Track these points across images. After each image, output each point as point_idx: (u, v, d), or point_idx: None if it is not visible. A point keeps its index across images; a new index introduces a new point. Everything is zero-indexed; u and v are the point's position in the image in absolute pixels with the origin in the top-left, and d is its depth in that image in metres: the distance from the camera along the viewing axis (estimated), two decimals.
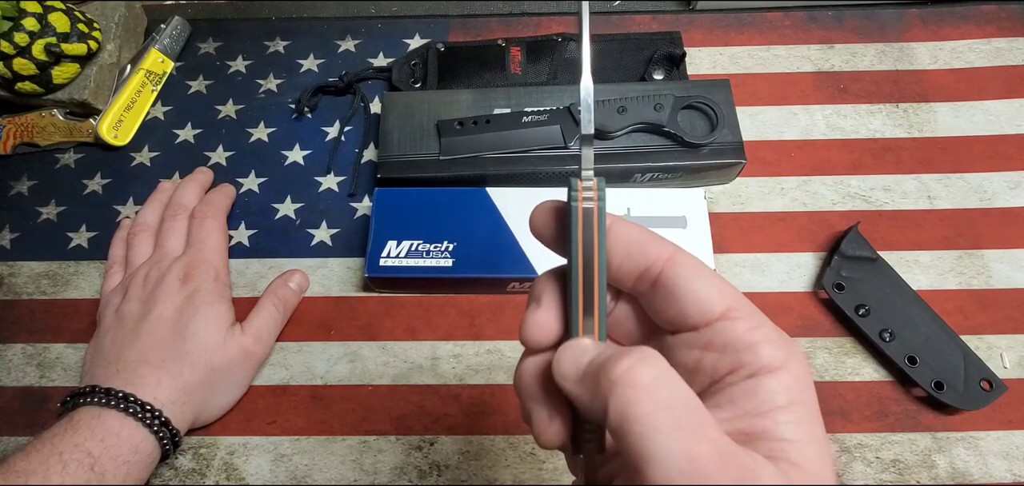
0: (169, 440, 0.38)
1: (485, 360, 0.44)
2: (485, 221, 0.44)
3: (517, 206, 0.45)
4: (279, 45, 0.57)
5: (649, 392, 0.17)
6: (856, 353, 0.44)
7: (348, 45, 0.57)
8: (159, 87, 0.55)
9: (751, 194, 0.49)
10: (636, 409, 0.16)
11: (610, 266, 0.22)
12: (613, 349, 0.19)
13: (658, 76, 0.52)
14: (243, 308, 0.44)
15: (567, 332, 0.22)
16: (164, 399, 0.38)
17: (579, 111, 0.45)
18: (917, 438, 0.41)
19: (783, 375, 0.19)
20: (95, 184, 0.52)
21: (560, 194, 0.24)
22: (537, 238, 0.23)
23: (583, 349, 0.20)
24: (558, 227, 0.23)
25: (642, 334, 0.23)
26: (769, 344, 0.19)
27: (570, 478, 0.40)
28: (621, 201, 0.45)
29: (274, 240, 0.49)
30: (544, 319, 0.22)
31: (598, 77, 0.52)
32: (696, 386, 0.20)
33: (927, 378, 0.41)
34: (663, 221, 0.44)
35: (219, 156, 0.52)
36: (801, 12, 0.56)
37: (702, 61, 0.55)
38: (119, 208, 0.51)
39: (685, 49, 0.53)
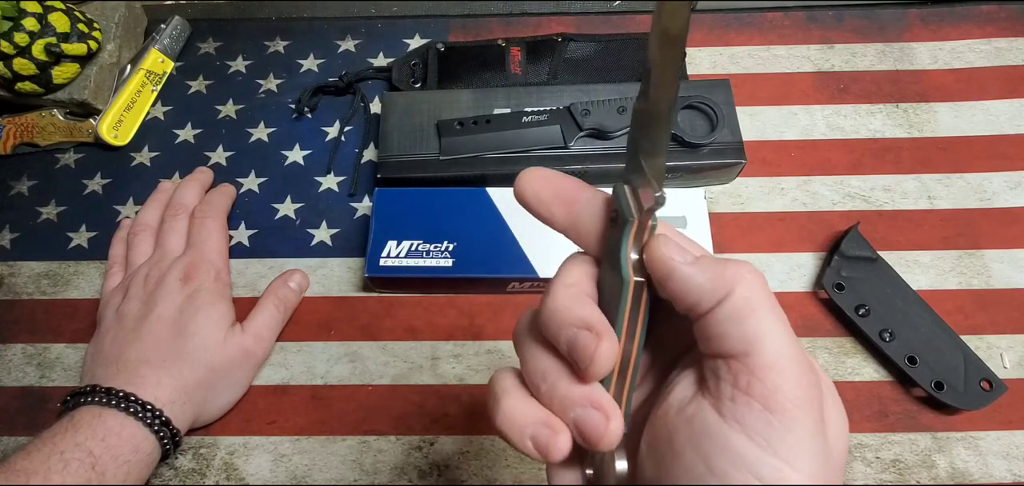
0: (169, 440, 0.38)
1: (485, 360, 0.44)
2: (485, 221, 0.44)
3: (517, 206, 0.44)
4: (279, 45, 0.57)
5: (765, 292, 0.20)
6: (856, 353, 0.44)
7: (348, 45, 0.57)
8: (159, 87, 0.55)
9: (751, 194, 0.49)
10: (758, 299, 0.20)
11: None
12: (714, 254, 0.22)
13: None
14: (243, 308, 0.44)
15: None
16: (165, 399, 0.38)
17: (582, 110, 0.46)
18: (917, 438, 0.41)
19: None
20: (95, 184, 0.52)
21: None
22: (530, 207, 0.25)
23: (681, 246, 0.21)
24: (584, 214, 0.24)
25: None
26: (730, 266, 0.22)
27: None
28: None
29: (274, 240, 0.49)
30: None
31: (598, 77, 0.52)
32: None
33: (927, 378, 0.41)
34: (663, 221, 0.44)
35: (219, 156, 0.52)
36: (801, 12, 0.56)
37: (702, 61, 0.55)
38: (119, 208, 0.51)
39: (685, 49, 0.53)
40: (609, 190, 0.23)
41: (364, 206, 0.50)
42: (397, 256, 0.44)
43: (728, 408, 0.19)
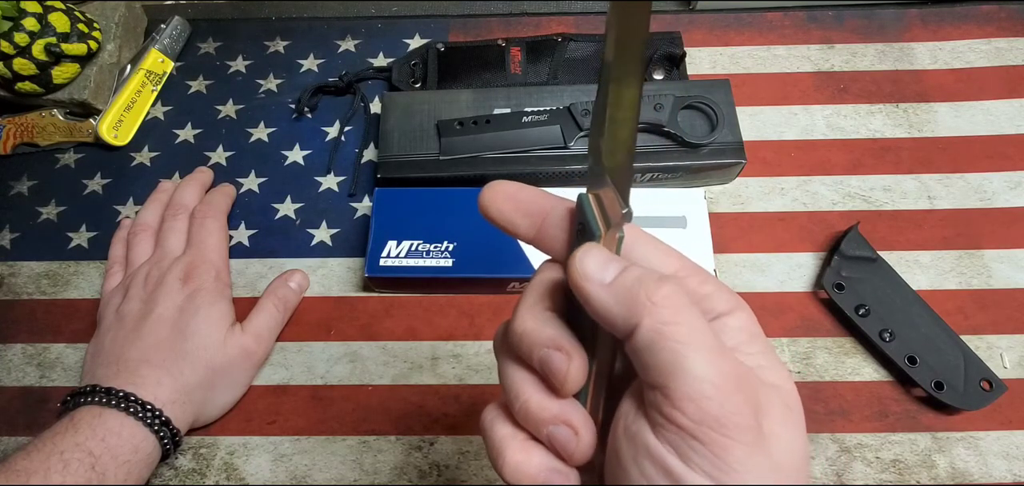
0: (169, 440, 0.38)
1: (485, 360, 0.44)
2: (485, 221, 0.44)
3: None
4: (279, 45, 0.57)
5: (684, 316, 0.19)
6: (856, 353, 0.44)
7: (348, 45, 0.57)
8: (159, 87, 0.55)
9: (751, 194, 0.49)
10: (674, 328, 0.18)
11: None
12: (640, 268, 0.20)
13: (658, 76, 0.52)
14: (243, 308, 0.44)
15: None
16: (165, 398, 0.38)
17: (582, 110, 0.46)
18: (917, 438, 0.41)
19: (739, 314, 0.21)
20: (95, 184, 0.52)
21: (561, 195, 0.24)
22: (494, 222, 0.24)
23: (607, 258, 0.20)
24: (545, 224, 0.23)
25: None
26: (719, 292, 0.21)
27: None
28: None
29: (274, 240, 0.49)
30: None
31: (598, 77, 0.52)
32: None
33: (927, 378, 0.41)
34: (663, 221, 0.44)
35: (219, 156, 0.52)
36: (801, 12, 0.56)
37: (702, 61, 0.55)
38: (119, 208, 0.51)
39: (685, 49, 0.53)
40: (574, 197, 0.23)
41: (364, 206, 0.50)
42: (397, 256, 0.44)
43: (661, 433, 0.19)
